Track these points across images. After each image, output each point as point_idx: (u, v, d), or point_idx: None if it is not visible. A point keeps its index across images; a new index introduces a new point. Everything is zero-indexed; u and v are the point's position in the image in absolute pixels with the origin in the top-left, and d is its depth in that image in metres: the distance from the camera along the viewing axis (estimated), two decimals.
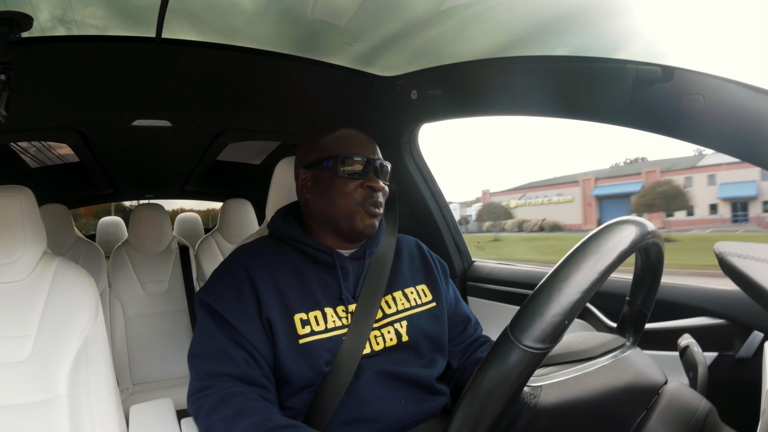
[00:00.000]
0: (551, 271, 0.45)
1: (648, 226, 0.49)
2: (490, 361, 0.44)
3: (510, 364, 0.42)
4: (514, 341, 0.42)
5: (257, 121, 1.59)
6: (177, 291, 2.22)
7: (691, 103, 0.78)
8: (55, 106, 1.29)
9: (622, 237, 0.46)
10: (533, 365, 0.42)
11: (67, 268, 1.03)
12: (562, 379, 0.50)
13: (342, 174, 0.85)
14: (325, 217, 0.87)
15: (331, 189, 0.85)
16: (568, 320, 0.42)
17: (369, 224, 0.85)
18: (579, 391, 0.49)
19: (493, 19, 0.99)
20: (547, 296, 0.43)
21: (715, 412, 0.52)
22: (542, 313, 0.42)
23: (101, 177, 2.39)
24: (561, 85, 0.97)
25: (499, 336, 0.44)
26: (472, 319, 1.01)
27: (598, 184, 14.26)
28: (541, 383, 0.49)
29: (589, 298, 0.43)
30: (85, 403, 0.95)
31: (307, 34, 1.12)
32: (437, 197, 1.53)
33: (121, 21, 1.00)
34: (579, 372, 0.51)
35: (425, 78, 1.23)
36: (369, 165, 0.86)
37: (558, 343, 0.43)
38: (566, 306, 0.42)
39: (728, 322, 0.87)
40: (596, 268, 0.43)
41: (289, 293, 0.81)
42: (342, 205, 0.85)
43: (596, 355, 0.54)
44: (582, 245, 0.46)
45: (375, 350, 0.82)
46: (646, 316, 0.61)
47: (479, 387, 0.44)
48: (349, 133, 0.90)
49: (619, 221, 0.48)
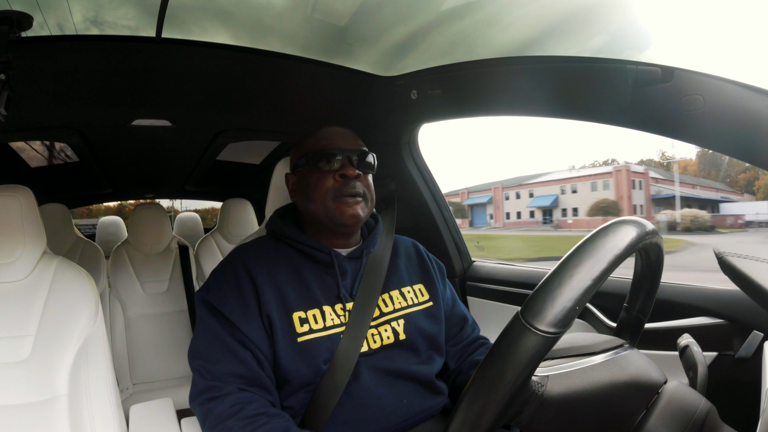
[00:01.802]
0: (563, 258, 0.46)
1: (648, 226, 0.50)
2: (501, 344, 0.44)
3: (522, 347, 0.42)
4: (526, 324, 0.42)
5: (257, 121, 1.59)
6: (177, 291, 2.22)
7: (691, 103, 0.78)
8: (55, 105, 1.29)
9: (629, 232, 0.47)
10: (545, 349, 0.42)
11: (66, 267, 1.03)
12: (569, 370, 0.50)
13: (314, 169, 0.86)
14: (312, 216, 0.88)
15: (308, 186, 0.87)
16: (579, 306, 0.42)
17: (350, 214, 0.85)
18: (585, 383, 0.50)
19: (493, 19, 0.99)
20: (559, 281, 0.43)
21: (715, 411, 0.52)
22: (554, 298, 0.42)
23: (101, 176, 2.39)
24: (561, 85, 0.97)
25: (510, 320, 0.45)
26: (470, 319, 1.01)
27: (470, 195, 19.43)
28: (549, 373, 0.49)
29: (599, 286, 0.43)
30: (85, 403, 0.95)
31: (307, 34, 1.12)
32: (437, 197, 1.53)
33: (121, 21, 1.00)
34: (585, 364, 0.51)
35: (425, 78, 1.23)
36: (340, 154, 0.86)
37: (566, 331, 0.43)
38: (578, 291, 0.42)
39: (728, 322, 0.87)
40: (607, 257, 0.44)
41: (288, 292, 0.81)
42: (318, 199, 0.85)
43: (598, 351, 0.54)
44: (593, 236, 0.47)
45: (372, 348, 0.83)
46: (643, 322, 0.62)
47: (490, 369, 0.44)
48: (326, 130, 0.91)
49: (626, 220, 0.50)
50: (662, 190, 20.28)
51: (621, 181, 19.54)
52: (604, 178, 19.87)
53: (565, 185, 19.60)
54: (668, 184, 20.95)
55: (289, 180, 0.95)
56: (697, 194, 20.73)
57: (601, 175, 19.89)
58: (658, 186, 20.49)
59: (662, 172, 22.89)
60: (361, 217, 0.86)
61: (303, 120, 1.53)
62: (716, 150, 0.80)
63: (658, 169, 22.51)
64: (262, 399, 0.74)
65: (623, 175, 19.38)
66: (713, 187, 21.13)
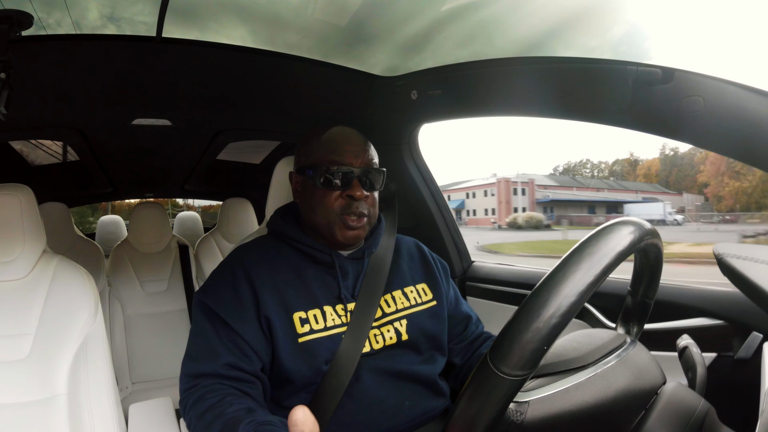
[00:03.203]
0: (529, 295, 0.44)
1: (624, 242, 0.47)
2: (470, 389, 0.44)
3: (489, 392, 0.42)
4: (493, 368, 0.42)
5: (257, 120, 1.59)
6: (176, 290, 2.22)
7: (691, 104, 0.78)
8: (55, 105, 1.29)
9: (597, 257, 0.44)
10: (513, 392, 0.42)
11: (66, 266, 1.03)
12: (550, 393, 0.49)
13: (321, 185, 0.84)
14: (312, 225, 0.88)
15: (312, 199, 0.85)
16: (547, 346, 0.42)
17: (350, 236, 0.84)
18: (568, 404, 0.49)
19: (493, 20, 0.99)
20: (525, 323, 0.42)
21: (714, 412, 0.52)
22: (520, 341, 0.42)
23: (101, 176, 2.39)
24: (561, 86, 0.97)
25: (479, 362, 0.44)
26: (473, 317, 1.01)
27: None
28: (529, 399, 0.49)
29: (567, 323, 0.42)
30: (84, 401, 0.95)
31: (308, 34, 1.12)
32: (436, 197, 1.53)
33: (122, 20, 1.00)
34: (569, 384, 0.50)
35: (425, 78, 1.23)
36: (350, 175, 0.84)
37: (547, 353, 0.42)
38: (544, 332, 0.41)
39: (727, 323, 0.87)
40: (577, 288, 0.43)
41: (289, 292, 0.81)
42: (321, 215, 0.84)
43: (590, 362, 0.53)
44: (556, 269, 0.45)
45: (375, 349, 0.82)
46: (649, 306, 0.60)
47: (460, 416, 0.44)
48: (335, 138, 0.87)
49: (591, 245, 0.46)
50: (549, 195, 27.80)
51: (501, 189, 26.93)
52: (492, 187, 27.51)
53: (469, 191, 27.73)
54: (559, 190, 28.97)
55: (293, 178, 0.92)
56: (597, 197, 29.12)
57: (490, 185, 27.59)
58: (546, 192, 27.92)
59: (561, 178, 31.51)
60: (361, 237, 0.87)
61: (303, 120, 1.53)
62: (716, 151, 0.80)
63: (563, 176, 30.28)
64: (228, 388, 0.73)
65: (503, 185, 26.94)
66: (628, 189, 28.41)
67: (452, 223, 1.55)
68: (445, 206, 1.54)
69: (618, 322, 0.64)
